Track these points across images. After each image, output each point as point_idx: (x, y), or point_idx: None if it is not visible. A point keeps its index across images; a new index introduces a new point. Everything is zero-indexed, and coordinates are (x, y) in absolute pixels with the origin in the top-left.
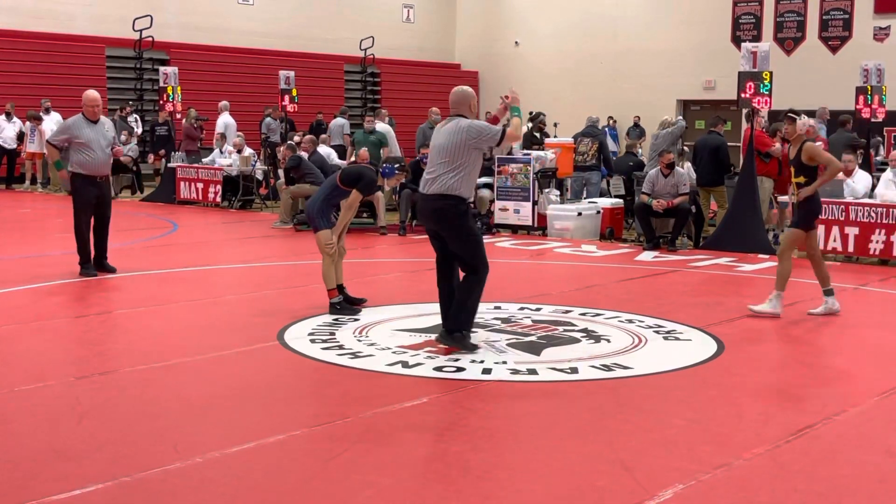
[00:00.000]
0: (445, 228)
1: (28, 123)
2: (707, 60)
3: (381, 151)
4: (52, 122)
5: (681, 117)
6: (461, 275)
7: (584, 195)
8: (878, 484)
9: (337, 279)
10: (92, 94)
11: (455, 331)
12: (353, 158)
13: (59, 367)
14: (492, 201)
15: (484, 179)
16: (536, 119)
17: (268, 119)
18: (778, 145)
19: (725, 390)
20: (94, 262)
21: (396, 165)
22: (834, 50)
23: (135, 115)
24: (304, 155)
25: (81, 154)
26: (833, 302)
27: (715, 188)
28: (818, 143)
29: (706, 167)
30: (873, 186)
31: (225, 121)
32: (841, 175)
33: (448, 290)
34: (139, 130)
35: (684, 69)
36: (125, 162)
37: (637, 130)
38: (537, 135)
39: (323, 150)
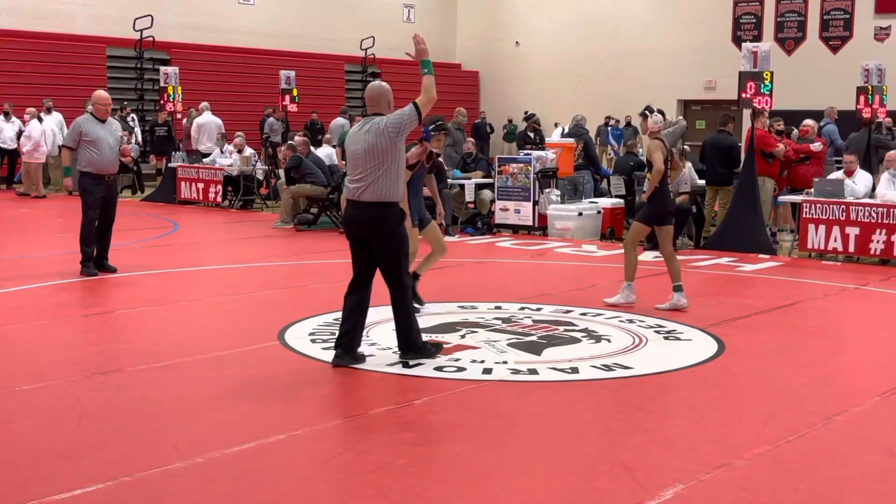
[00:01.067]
0: (381, 238)
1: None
2: (708, 60)
3: None
4: (52, 123)
5: (681, 117)
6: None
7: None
8: (878, 484)
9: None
10: (103, 93)
11: (415, 350)
12: (343, 161)
13: (59, 367)
14: (492, 201)
15: (484, 180)
16: (530, 119)
17: (270, 119)
18: (781, 146)
19: (726, 390)
20: (96, 262)
21: (431, 127)
22: (835, 50)
23: (132, 115)
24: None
25: (90, 153)
26: (679, 298)
27: (723, 187)
28: (817, 144)
29: (716, 166)
30: (874, 186)
31: (198, 122)
32: (842, 175)
33: (359, 303)
34: (138, 130)
35: (685, 69)
36: (126, 162)
37: (630, 130)
38: (531, 134)
39: (324, 150)
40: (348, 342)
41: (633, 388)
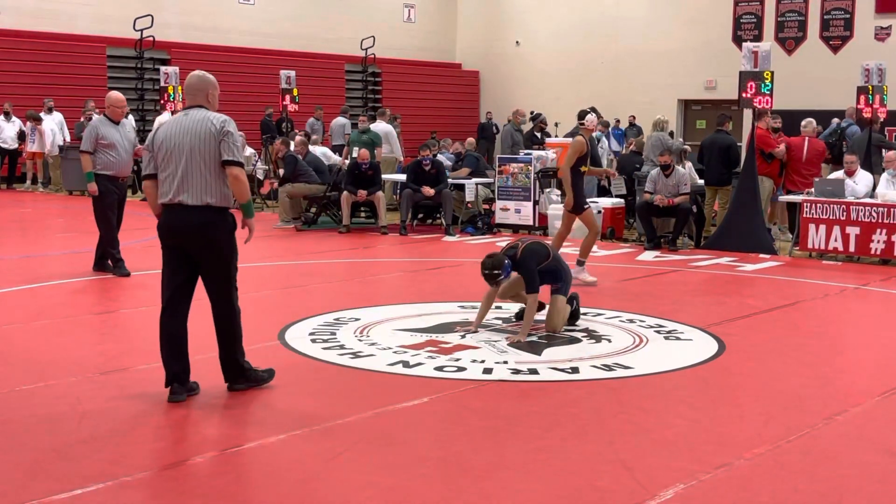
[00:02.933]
0: (210, 247)
1: (28, 123)
2: (708, 60)
3: (375, 151)
4: (53, 122)
5: (687, 147)
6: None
7: None
8: (878, 484)
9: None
10: (117, 95)
11: (247, 379)
12: (347, 159)
13: (59, 366)
14: (486, 200)
15: (476, 179)
16: (537, 119)
17: (311, 119)
18: (782, 146)
19: (726, 390)
20: (96, 262)
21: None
22: (835, 50)
23: (130, 115)
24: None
25: (106, 155)
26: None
27: (723, 187)
28: (783, 145)
29: (715, 166)
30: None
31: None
32: (842, 174)
33: (180, 328)
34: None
35: (685, 69)
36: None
37: (634, 129)
38: (538, 134)
39: (321, 149)
40: (185, 377)
41: (633, 388)
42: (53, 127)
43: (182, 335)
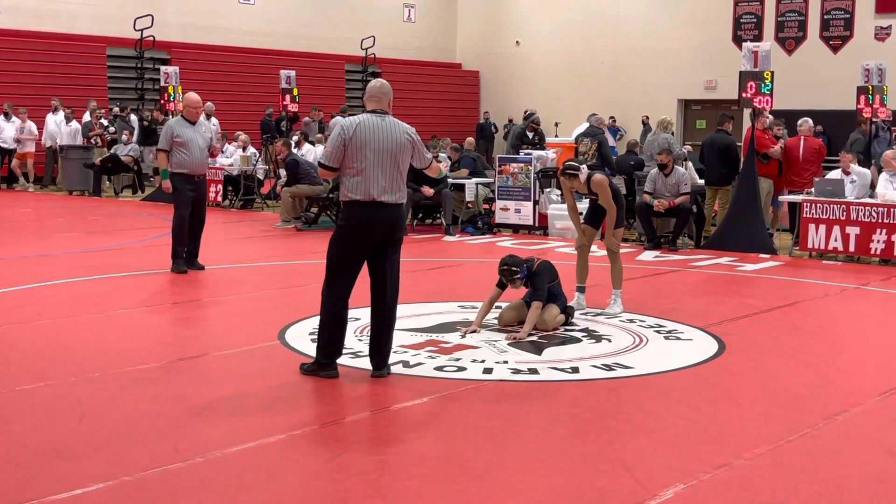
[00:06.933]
0: (398, 240)
1: (16, 119)
2: (708, 60)
3: None
4: (53, 122)
5: (688, 147)
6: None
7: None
8: (878, 484)
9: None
10: (194, 96)
11: (387, 367)
12: None
13: (59, 366)
14: (486, 200)
15: (474, 179)
16: (529, 118)
17: (306, 118)
18: (778, 147)
19: (726, 390)
20: (185, 260)
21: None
22: (835, 49)
23: (132, 115)
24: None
25: (181, 154)
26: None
27: (723, 187)
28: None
29: (715, 166)
30: (873, 185)
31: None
32: (840, 174)
33: (346, 312)
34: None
35: (685, 69)
36: (126, 161)
37: (645, 129)
38: (530, 134)
39: (321, 149)
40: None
41: (633, 388)
42: (59, 125)
43: (346, 318)
